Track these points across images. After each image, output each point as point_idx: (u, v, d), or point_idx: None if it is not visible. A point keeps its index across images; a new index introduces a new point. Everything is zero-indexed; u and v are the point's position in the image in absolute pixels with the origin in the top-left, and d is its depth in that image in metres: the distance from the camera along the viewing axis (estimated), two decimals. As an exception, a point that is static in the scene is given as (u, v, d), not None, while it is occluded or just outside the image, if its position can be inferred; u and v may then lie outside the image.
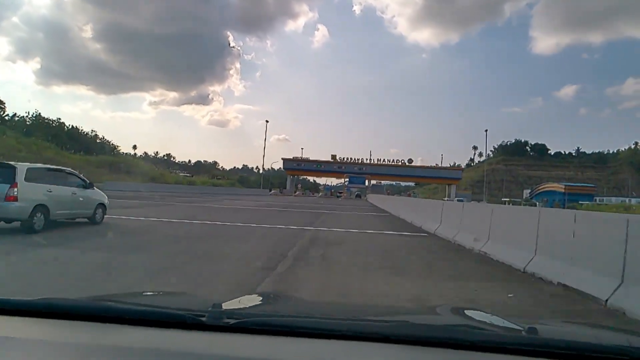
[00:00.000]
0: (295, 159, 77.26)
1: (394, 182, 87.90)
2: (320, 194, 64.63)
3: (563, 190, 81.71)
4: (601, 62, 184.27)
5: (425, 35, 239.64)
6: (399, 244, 8.97)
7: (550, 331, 1.24)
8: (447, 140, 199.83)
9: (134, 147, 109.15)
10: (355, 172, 69.40)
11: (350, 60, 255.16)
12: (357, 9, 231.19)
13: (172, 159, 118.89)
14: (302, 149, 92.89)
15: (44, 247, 6.43)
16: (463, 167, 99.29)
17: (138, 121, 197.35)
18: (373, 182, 73.97)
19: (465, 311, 1.45)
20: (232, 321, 0.96)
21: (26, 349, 0.89)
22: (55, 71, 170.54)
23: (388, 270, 5.92)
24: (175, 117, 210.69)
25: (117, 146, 79.07)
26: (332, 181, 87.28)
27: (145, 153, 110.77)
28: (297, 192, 65.24)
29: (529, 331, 1.01)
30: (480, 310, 1.51)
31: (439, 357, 0.90)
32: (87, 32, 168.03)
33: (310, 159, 77.54)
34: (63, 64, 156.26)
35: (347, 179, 67.09)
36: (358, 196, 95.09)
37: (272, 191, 65.64)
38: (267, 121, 65.05)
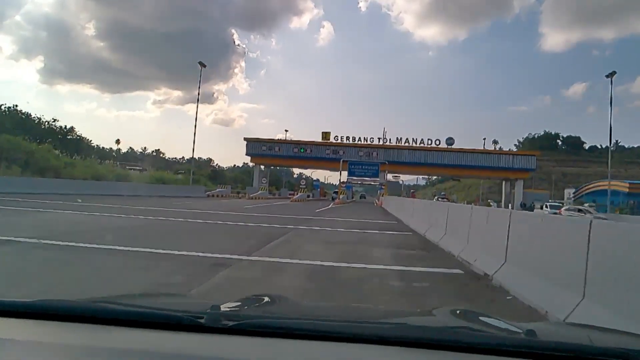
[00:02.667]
0: (266, 141, 49.65)
1: (420, 177, 60.39)
2: (297, 194, 36.87)
3: (627, 190, 60.32)
4: (612, 59, 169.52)
5: (432, 32, 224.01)
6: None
7: (550, 333, 1.24)
8: (456, 138, 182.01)
9: (117, 141, 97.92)
10: (360, 159, 41.62)
11: (357, 57, 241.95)
12: (362, 5, 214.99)
13: (161, 155, 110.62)
14: (286, 131, 64.09)
15: None
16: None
17: (142, 120, 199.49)
18: (388, 176, 46.04)
19: (464, 313, 1.46)
20: (230, 323, 0.95)
21: (23, 350, 0.87)
22: (58, 70, 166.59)
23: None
24: (180, 116, 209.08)
25: (84, 138, 67.41)
26: (327, 175, 59.29)
27: (131, 148, 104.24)
28: (257, 193, 37.37)
29: (527, 333, 1.00)
30: (479, 312, 1.50)
31: None
32: (90, 30, 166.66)
33: (292, 139, 49.67)
34: (66, 62, 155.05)
35: (348, 170, 39.22)
36: (363, 197, 67.83)
37: (218, 189, 38.15)
38: (203, 65, 37.05)
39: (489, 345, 0.91)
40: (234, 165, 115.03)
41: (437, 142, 45.82)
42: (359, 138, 46.71)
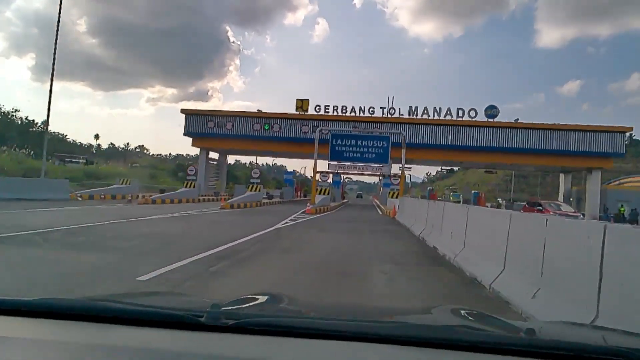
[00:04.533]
0: (212, 113, 33.39)
1: (439, 168, 44.28)
2: (246, 193, 19.97)
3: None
4: (607, 56, 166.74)
5: (427, 29, 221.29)
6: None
7: (549, 332, 1.23)
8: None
9: (96, 136, 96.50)
10: (352, 134, 24.59)
11: (352, 54, 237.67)
12: (357, 1, 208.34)
13: (145, 151, 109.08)
14: (258, 110, 45.97)
15: None
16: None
17: (137, 118, 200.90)
18: (394, 167, 29.78)
19: (464, 312, 1.43)
20: (230, 321, 0.95)
21: (24, 349, 0.88)
22: (50, 67, 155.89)
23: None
24: (173, 113, 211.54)
25: (49, 131, 60.69)
26: (301, 166, 44.29)
27: (112, 144, 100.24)
28: (175, 193, 20.99)
29: (527, 332, 1.02)
30: (479, 311, 1.48)
31: (437, 358, 0.89)
32: (82, 26, 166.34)
33: (254, 110, 33.46)
34: (58, 59, 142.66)
35: (331, 151, 22.00)
36: (359, 197, 52.20)
37: (115, 184, 22.02)
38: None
39: (488, 344, 0.91)
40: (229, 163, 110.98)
41: (473, 114, 29.89)
42: (352, 109, 30.70)
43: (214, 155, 37.54)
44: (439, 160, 33.29)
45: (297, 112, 31.19)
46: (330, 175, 24.02)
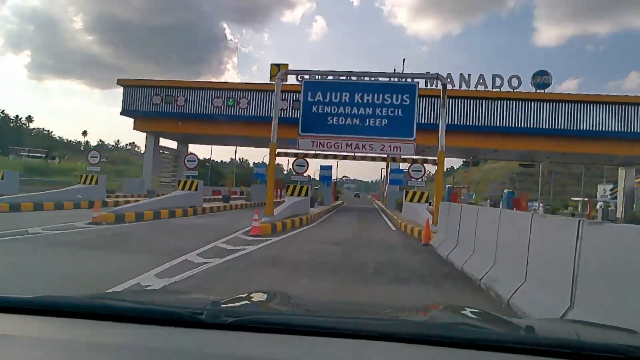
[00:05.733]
0: (158, 84, 25.14)
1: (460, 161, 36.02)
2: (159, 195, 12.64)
3: None
4: (606, 54, 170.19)
5: (426, 27, 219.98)
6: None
7: (549, 330, 1.24)
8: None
9: (84, 133, 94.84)
10: (343, 81, 13.91)
11: (351, 53, 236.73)
12: None
13: (136, 148, 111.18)
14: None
15: None
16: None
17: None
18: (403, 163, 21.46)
19: (464, 310, 1.44)
20: (230, 319, 0.95)
21: (24, 346, 0.88)
22: (47, 65, 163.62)
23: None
24: None
25: (26, 126, 65.79)
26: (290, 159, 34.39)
27: (101, 141, 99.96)
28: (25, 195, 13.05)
29: (527, 330, 1.03)
30: (479, 309, 1.48)
31: (438, 355, 0.88)
32: (78, 23, 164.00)
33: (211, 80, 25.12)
34: (54, 56, 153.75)
35: (303, 116, 12.36)
36: (357, 196, 44.24)
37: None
38: None
39: (489, 342, 0.91)
40: (221, 161, 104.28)
41: (515, 84, 21.69)
42: (348, 78, 22.34)
43: (172, 144, 29.26)
44: (461, 147, 24.97)
45: (273, 82, 22.85)
46: (309, 164, 15.59)
